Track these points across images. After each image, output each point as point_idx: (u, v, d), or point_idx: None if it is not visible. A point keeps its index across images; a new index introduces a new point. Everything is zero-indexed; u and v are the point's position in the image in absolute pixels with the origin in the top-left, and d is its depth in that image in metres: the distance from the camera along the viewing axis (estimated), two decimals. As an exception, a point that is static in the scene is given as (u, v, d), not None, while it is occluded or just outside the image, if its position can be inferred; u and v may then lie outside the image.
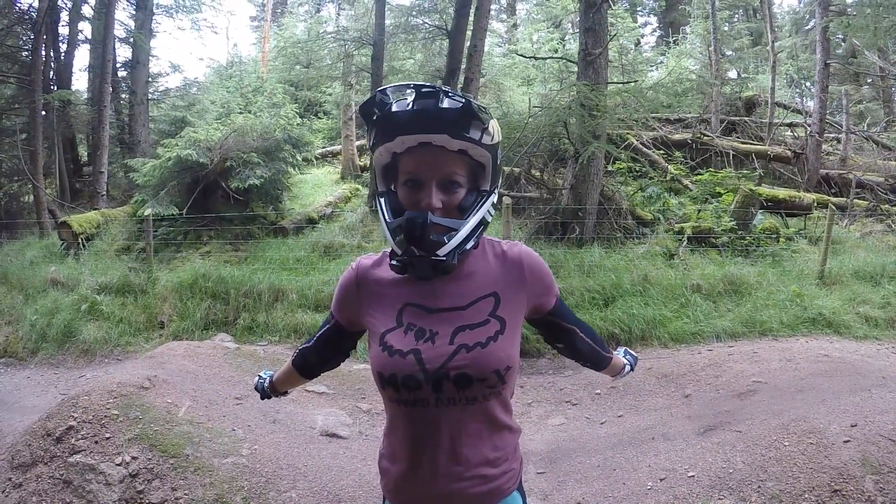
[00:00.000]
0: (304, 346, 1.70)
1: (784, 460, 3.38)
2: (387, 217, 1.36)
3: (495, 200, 1.41)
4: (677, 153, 12.37)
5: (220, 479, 3.47)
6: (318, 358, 1.69)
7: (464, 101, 1.26)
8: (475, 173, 1.38)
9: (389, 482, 1.45)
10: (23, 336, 7.08)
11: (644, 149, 12.22)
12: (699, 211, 10.01)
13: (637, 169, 11.21)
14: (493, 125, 1.34)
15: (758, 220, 9.61)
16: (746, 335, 6.51)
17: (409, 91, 1.28)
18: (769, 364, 5.40)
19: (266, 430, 4.34)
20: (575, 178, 9.13)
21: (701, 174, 11.30)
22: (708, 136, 13.20)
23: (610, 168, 10.81)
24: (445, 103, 1.25)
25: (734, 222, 9.18)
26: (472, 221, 1.34)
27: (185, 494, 3.34)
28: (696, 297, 7.10)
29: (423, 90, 1.27)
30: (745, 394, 4.81)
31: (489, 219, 1.39)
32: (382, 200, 1.40)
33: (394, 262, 1.36)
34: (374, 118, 1.31)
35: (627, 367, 1.88)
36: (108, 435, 3.63)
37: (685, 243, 8.87)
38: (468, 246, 1.34)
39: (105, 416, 3.75)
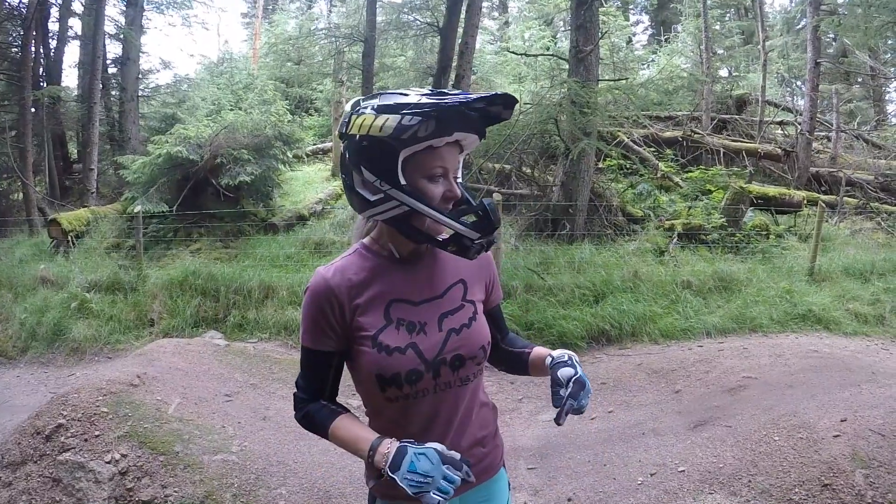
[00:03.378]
0: (321, 406, 1.45)
1: (774, 455, 3.40)
2: (440, 210, 1.32)
3: None
4: (668, 151, 12.38)
5: (210, 476, 3.46)
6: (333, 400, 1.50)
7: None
8: None
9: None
10: (12, 334, 7.02)
11: (635, 146, 12.23)
12: (689, 208, 10.05)
13: (628, 166, 11.23)
14: None
15: (748, 218, 9.66)
16: (736, 331, 6.55)
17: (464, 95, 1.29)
18: (759, 360, 5.43)
19: (256, 426, 4.33)
20: (565, 174, 9.15)
21: (691, 172, 11.33)
22: (699, 133, 13.23)
23: (600, 165, 10.83)
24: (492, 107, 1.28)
25: (724, 219, 9.22)
26: None
27: (175, 492, 3.33)
28: (687, 293, 7.14)
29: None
30: (735, 389, 4.83)
31: None
32: (417, 197, 1.31)
33: (476, 244, 1.33)
34: (434, 113, 1.25)
35: (549, 359, 1.49)
36: (97, 433, 3.61)
37: (675, 240, 8.91)
38: None
39: (95, 414, 3.73)
